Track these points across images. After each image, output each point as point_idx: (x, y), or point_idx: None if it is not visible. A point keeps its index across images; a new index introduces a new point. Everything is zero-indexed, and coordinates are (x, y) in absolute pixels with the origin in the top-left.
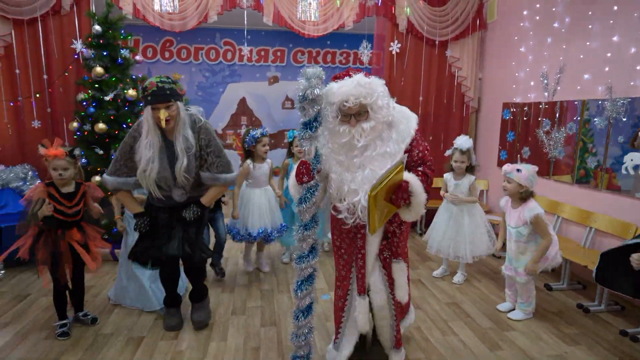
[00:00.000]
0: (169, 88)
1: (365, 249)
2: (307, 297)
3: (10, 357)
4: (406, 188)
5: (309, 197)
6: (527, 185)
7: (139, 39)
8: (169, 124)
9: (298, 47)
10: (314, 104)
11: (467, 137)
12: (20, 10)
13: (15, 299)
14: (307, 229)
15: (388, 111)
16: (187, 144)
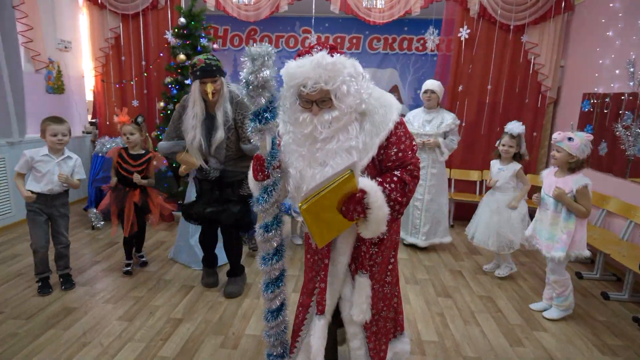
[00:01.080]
0: (215, 65)
1: (328, 259)
2: (276, 298)
3: (95, 287)
4: (360, 199)
5: (265, 197)
6: (578, 155)
7: (228, 28)
8: (214, 96)
9: (374, 34)
10: (263, 91)
11: (519, 123)
12: (127, 7)
13: (107, 244)
14: (268, 230)
15: (358, 99)
16: (225, 117)
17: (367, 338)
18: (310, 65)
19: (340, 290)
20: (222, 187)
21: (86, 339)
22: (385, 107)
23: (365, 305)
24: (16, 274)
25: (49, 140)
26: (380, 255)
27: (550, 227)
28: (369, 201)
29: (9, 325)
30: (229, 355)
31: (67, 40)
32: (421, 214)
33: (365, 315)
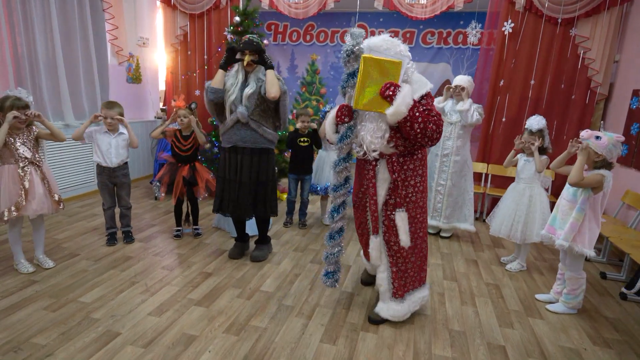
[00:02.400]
0: (256, 42)
1: (375, 197)
2: (340, 221)
3: (149, 243)
4: (396, 86)
5: (349, 134)
6: (604, 154)
7: (287, 24)
8: (250, 66)
9: (429, 29)
10: (357, 58)
11: (540, 118)
12: (194, 7)
13: (165, 212)
14: (346, 161)
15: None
16: (257, 81)
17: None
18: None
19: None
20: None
21: (135, 279)
22: (420, 83)
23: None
24: (92, 228)
25: (104, 122)
26: (412, 195)
27: (564, 216)
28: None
29: (82, 264)
30: (243, 303)
31: (146, 37)
32: (443, 198)
33: (408, 240)
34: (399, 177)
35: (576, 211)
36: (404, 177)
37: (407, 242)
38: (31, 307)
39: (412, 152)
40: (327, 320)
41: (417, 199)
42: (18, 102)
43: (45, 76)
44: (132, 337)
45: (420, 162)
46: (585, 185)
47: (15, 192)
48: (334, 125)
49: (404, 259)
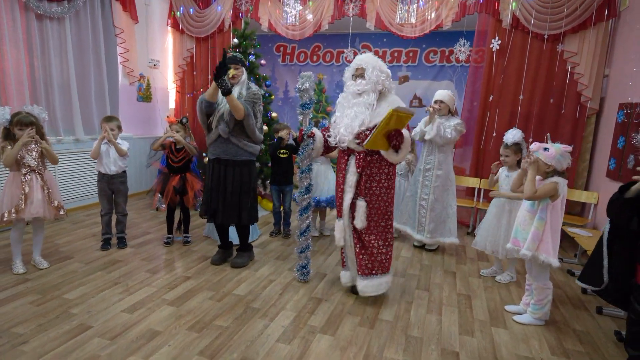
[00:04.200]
0: (240, 58)
1: (343, 186)
2: (306, 221)
3: (140, 249)
4: (401, 134)
5: (303, 151)
6: (553, 165)
7: (295, 46)
8: (234, 79)
9: (431, 47)
10: (306, 93)
11: (517, 131)
12: (199, 31)
13: (162, 222)
14: (303, 172)
15: (376, 80)
16: (239, 94)
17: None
18: (362, 56)
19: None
20: (227, 167)
21: (118, 280)
22: (396, 102)
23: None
24: (91, 235)
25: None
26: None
27: (525, 227)
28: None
29: (74, 266)
30: (213, 305)
31: (156, 59)
32: (426, 212)
33: (361, 224)
34: (364, 171)
35: (537, 220)
36: (370, 173)
37: (360, 225)
38: (18, 301)
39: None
40: (289, 322)
41: (381, 193)
42: (24, 118)
43: (59, 95)
44: (102, 331)
45: (387, 163)
46: (541, 197)
47: (16, 196)
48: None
49: (367, 242)
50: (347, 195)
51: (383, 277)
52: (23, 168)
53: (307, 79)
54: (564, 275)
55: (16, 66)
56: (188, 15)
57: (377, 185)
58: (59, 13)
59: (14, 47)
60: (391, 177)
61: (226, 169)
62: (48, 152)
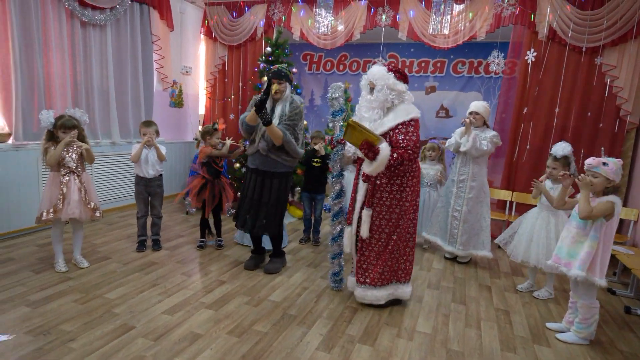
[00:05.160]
0: (285, 73)
1: (354, 194)
2: (338, 226)
3: (174, 252)
4: (374, 150)
5: (334, 157)
6: (614, 179)
7: (322, 55)
8: (276, 94)
9: (459, 58)
10: (336, 102)
11: (566, 144)
12: (232, 39)
13: (193, 226)
14: (335, 177)
15: (385, 96)
16: (282, 113)
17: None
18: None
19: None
20: (264, 177)
21: (156, 282)
22: (404, 111)
23: (366, 227)
24: (127, 236)
25: (142, 138)
26: (381, 198)
27: (572, 244)
28: (377, 158)
29: (112, 266)
30: (250, 310)
31: (189, 66)
32: (459, 224)
33: (365, 233)
34: (372, 181)
35: (591, 239)
36: (379, 183)
37: (363, 234)
38: (63, 299)
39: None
40: (327, 331)
41: (392, 205)
42: (67, 121)
43: (98, 100)
44: (145, 331)
45: (400, 173)
46: (597, 216)
47: (55, 196)
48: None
49: (367, 253)
50: (357, 204)
51: (372, 290)
52: (62, 169)
53: (337, 89)
54: (604, 293)
55: (61, 71)
56: (221, 24)
57: (388, 195)
58: (102, 21)
59: (59, 53)
60: (405, 189)
61: (263, 179)
62: (88, 152)
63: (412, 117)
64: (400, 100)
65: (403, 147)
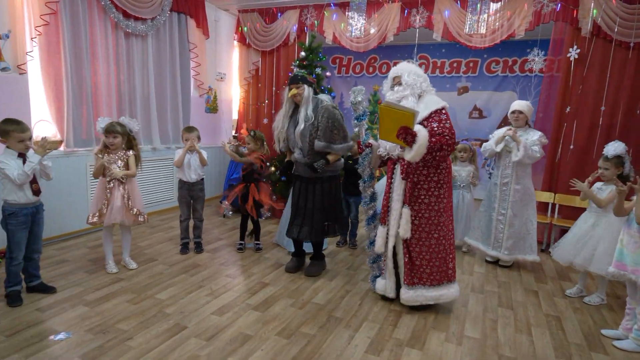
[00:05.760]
0: (301, 76)
1: (390, 194)
2: (374, 230)
3: (216, 254)
4: (410, 133)
5: (363, 161)
6: None
7: (351, 58)
8: (295, 98)
9: (493, 57)
10: (359, 106)
11: (619, 143)
12: (265, 45)
13: (231, 229)
14: (366, 181)
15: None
16: (306, 116)
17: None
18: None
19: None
20: (308, 184)
21: (202, 284)
22: (432, 102)
23: (406, 226)
24: (169, 239)
25: (185, 143)
26: (420, 196)
27: (638, 250)
28: (418, 137)
29: (159, 268)
30: (295, 312)
31: (223, 72)
32: (504, 228)
33: (406, 233)
34: (410, 179)
35: None
36: (417, 181)
37: (404, 235)
38: (117, 299)
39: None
40: (374, 334)
41: (431, 202)
42: (110, 126)
43: (140, 107)
44: (197, 331)
45: (436, 170)
46: None
47: (100, 201)
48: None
49: (417, 253)
50: (395, 204)
51: (426, 290)
52: (108, 177)
53: (359, 92)
54: None
55: (106, 80)
56: (254, 30)
57: (426, 193)
58: (143, 31)
59: (105, 63)
60: (443, 186)
61: (307, 186)
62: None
63: (442, 105)
64: (427, 86)
65: (439, 134)
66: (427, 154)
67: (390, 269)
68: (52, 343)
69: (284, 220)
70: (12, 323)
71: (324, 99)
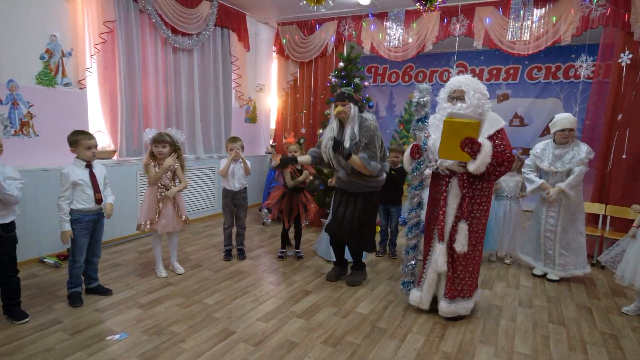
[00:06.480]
0: (348, 94)
1: (445, 208)
2: (414, 239)
3: (258, 261)
4: (475, 143)
5: (418, 167)
6: None
7: (386, 67)
8: (340, 115)
9: (535, 64)
10: (423, 107)
11: None
12: (303, 56)
13: (271, 236)
14: (417, 189)
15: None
16: (352, 134)
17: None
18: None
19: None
20: (349, 196)
21: (247, 290)
22: (494, 120)
23: (463, 242)
24: (211, 245)
25: (229, 152)
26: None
27: None
28: (482, 148)
29: (205, 273)
30: (339, 321)
31: (262, 84)
32: (554, 244)
33: (462, 248)
34: (468, 193)
35: None
36: (472, 195)
37: (460, 249)
38: (168, 303)
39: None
40: (420, 346)
41: (481, 217)
42: (159, 136)
43: (186, 118)
44: (245, 337)
45: (488, 184)
46: None
47: (152, 210)
48: (410, 160)
49: (462, 266)
50: (449, 218)
51: (466, 302)
52: (160, 186)
53: (426, 92)
54: None
55: (155, 94)
56: (293, 42)
57: (478, 207)
58: (190, 45)
59: (155, 77)
60: (489, 200)
61: (348, 198)
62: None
63: (502, 125)
64: (489, 107)
65: (501, 151)
66: (490, 165)
67: (434, 282)
68: (112, 343)
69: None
70: (75, 322)
71: (369, 118)
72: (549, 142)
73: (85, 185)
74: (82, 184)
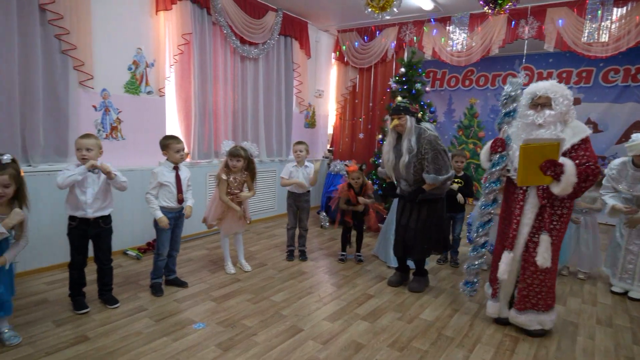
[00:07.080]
0: (403, 106)
1: (520, 218)
2: (483, 237)
3: (318, 263)
4: (557, 165)
5: (500, 162)
6: None
7: (445, 71)
8: (396, 128)
9: (611, 66)
10: (513, 101)
11: None
12: (363, 62)
13: (329, 239)
14: (495, 184)
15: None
16: (409, 147)
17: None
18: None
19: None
20: (413, 204)
21: (310, 290)
22: (578, 128)
23: (545, 255)
24: (274, 245)
25: (294, 155)
26: (557, 223)
27: None
28: (565, 169)
29: (269, 272)
30: (404, 326)
31: (321, 90)
32: (636, 259)
33: (545, 262)
34: (548, 203)
35: None
36: (552, 205)
37: (542, 262)
38: (238, 298)
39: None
40: (490, 358)
41: (561, 228)
42: (235, 150)
43: (250, 124)
44: (312, 335)
45: (574, 197)
46: None
47: (220, 210)
48: (488, 154)
49: (539, 280)
50: (524, 229)
51: (542, 315)
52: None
53: (517, 86)
54: None
55: (224, 100)
56: (353, 48)
57: (559, 219)
58: (256, 54)
59: (224, 84)
60: (569, 213)
61: (412, 206)
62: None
63: (588, 133)
64: (574, 112)
65: (585, 164)
66: (575, 184)
67: (509, 294)
68: (192, 331)
69: (384, 233)
70: (158, 310)
71: (428, 128)
72: (627, 163)
73: (171, 185)
74: (168, 184)
